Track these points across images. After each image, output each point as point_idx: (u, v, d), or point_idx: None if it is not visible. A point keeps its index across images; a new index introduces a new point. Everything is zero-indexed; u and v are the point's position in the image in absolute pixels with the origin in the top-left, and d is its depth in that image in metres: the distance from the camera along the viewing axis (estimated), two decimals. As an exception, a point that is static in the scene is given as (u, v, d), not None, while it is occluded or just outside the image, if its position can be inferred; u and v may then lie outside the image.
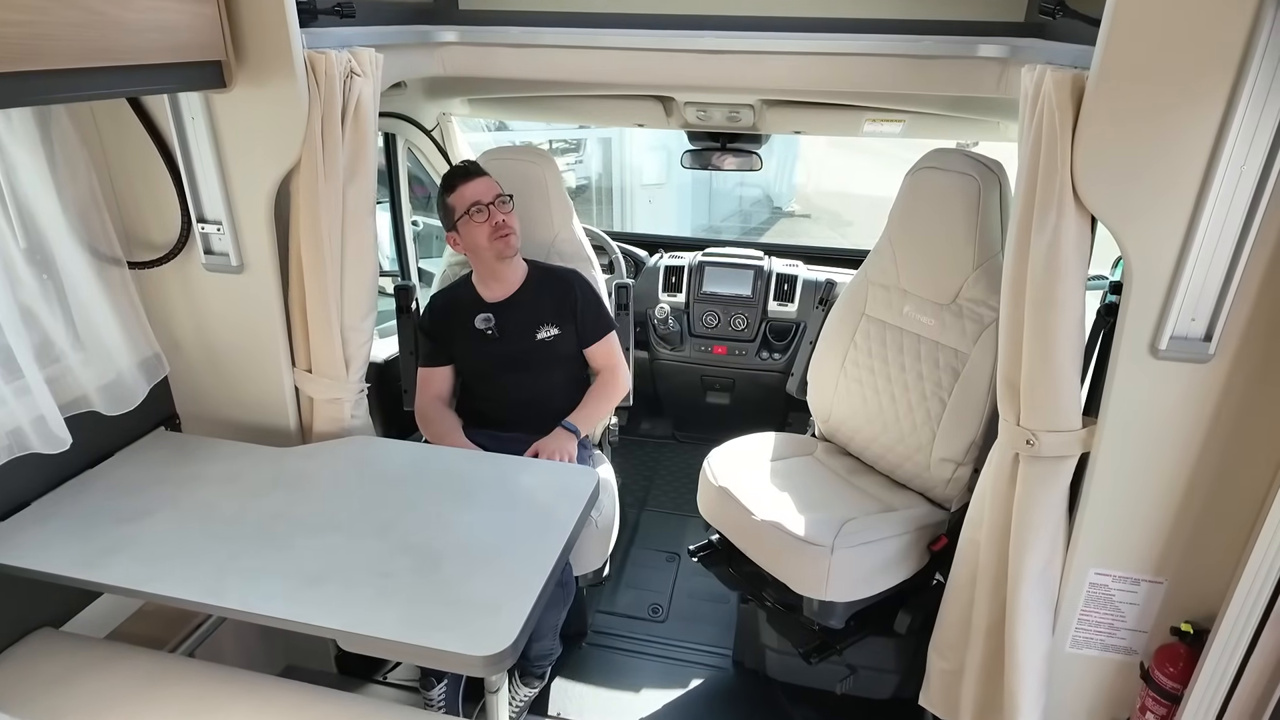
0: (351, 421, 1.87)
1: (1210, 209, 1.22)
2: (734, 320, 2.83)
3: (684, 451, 3.26)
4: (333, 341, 1.76)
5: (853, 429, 2.19)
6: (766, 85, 1.86)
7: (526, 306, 2.09)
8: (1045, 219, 1.33)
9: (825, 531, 1.81)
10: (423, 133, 2.49)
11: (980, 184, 1.81)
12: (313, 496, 1.60)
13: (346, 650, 1.28)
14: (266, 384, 1.83)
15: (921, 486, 2.06)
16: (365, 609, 1.29)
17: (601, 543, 2.02)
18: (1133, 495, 1.46)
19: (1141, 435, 1.41)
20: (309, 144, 1.57)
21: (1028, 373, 1.45)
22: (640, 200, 7.56)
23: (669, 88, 2.05)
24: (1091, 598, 1.57)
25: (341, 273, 1.73)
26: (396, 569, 1.38)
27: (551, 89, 2.16)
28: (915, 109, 2.04)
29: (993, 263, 1.86)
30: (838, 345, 2.19)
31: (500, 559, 1.41)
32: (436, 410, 2.09)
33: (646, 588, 2.55)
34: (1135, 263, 1.30)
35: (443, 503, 1.57)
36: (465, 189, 1.99)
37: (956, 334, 1.93)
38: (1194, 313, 1.31)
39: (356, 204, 1.69)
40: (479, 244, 2.00)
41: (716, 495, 2.03)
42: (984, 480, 1.66)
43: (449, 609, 1.30)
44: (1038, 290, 1.37)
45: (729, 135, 2.51)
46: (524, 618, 1.26)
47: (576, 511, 1.54)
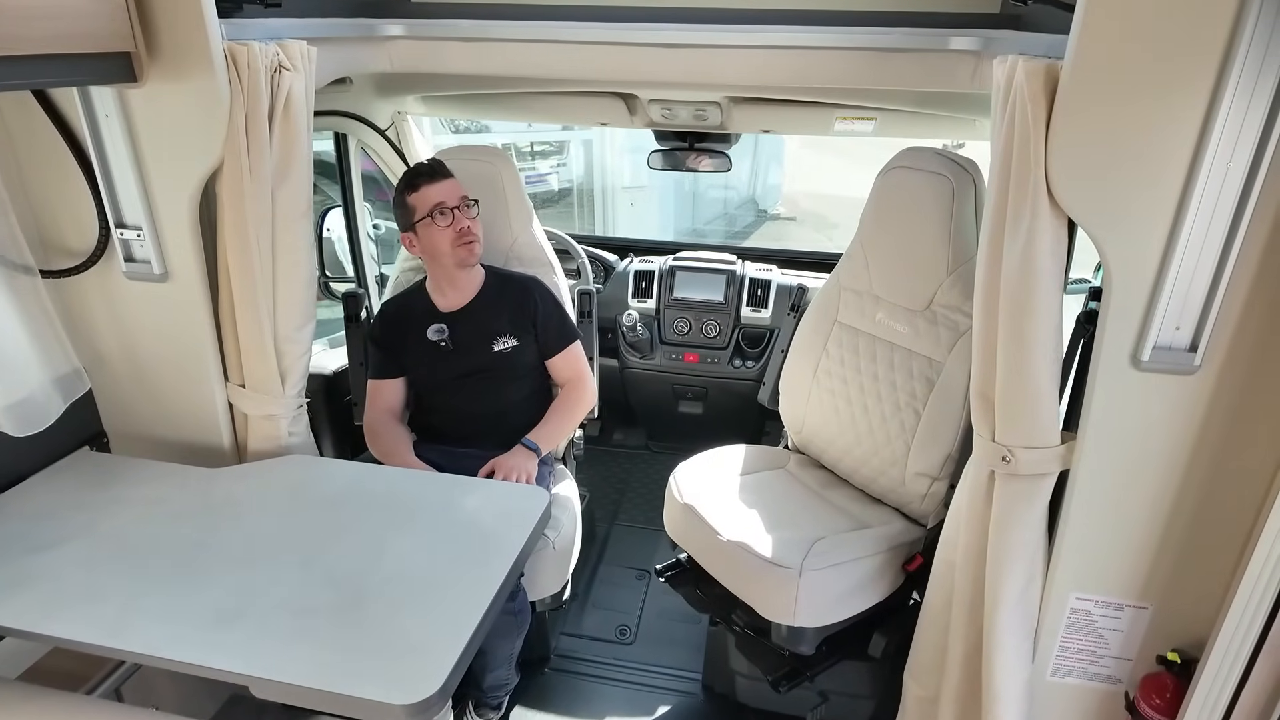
0: (290, 439, 1.76)
1: (1195, 208, 1.12)
2: (706, 327, 2.73)
3: (658, 462, 3.15)
4: (266, 354, 1.65)
5: (826, 441, 2.09)
6: (731, 81, 1.77)
7: (482, 316, 1.98)
8: (1019, 221, 1.23)
9: (793, 552, 1.71)
10: (376, 133, 2.37)
11: (954, 184, 1.72)
12: (238, 523, 1.48)
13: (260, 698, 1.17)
14: (197, 400, 1.71)
15: (897, 501, 1.96)
16: (279, 652, 1.18)
17: (560, 565, 1.91)
18: (1115, 515, 1.37)
19: (1124, 452, 1.32)
20: (232, 143, 1.46)
21: (1003, 385, 1.35)
22: (622, 203, 7.47)
23: (630, 84, 1.95)
24: (1073, 624, 1.47)
25: (274, 280, 1.62)
26: (317, 605, 1.27)
27: (507, 85, 2.06)
28: (887, 106, 1.95)
29: (968, 267, 1.76)
30: (809, 354, 2.09)
31: (433, 592, 1.29)
32: (385, 425, 1.98)
33: (615, 608, 2.44)
34: (1115, 267, 1.21)
35: (377, 528, 1.45)
36: (430, 190, 1.87)
37: (931, 342, 1.84)
38: (1178, 321, 1.21)
39: (288, 207, 1.58)
40: (439, 249, 1.89)
41: (682, 513, 1.92)
42: (959, 498, 1.56)
43: (371, 651, 1.18)
44: (1012, 297, 1.28)
45: (697, 135, 2.42)
46: (455, 659, 1.15)
47: (523, 536, 1.43)
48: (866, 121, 2.08)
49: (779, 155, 8.10)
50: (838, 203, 8.35)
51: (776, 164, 8.12)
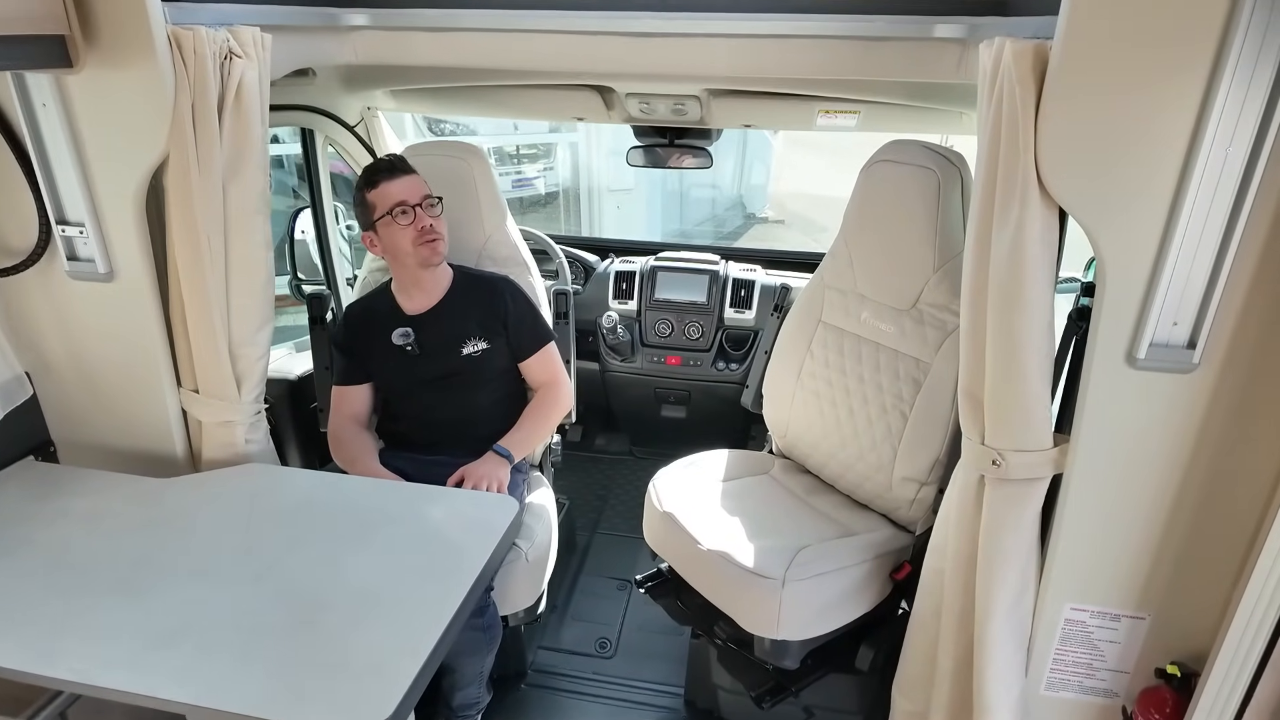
0: (247, 447, 1.67)
1: (1193, 195, 1.06)
2: (688, 328, 2.65)
3: (641, 468, 3.07)
4: (220, 358, 1.56)
5: (810, 445, 2.02)
6: (710, 72, 1.70)
7: (451, 319, 1.90)
8: (1007, 212, 1.17)
9: (776, 562, 1.64)
10: (345, 129, 2.29)
11: (940, 177, 1.66)
12: (187, 536, 1.39)
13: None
14: (148, 406, 1.62)
15: (884, 507, 1.89)
16: (223, 675, 1.09)
17: (534, 577, 1.83)
18: (1111, 521, 1.30)
19: (1120, 454, 1.25)
20: (178, 134, 1.38)
21: (992, 386, 1.29)
22: (609, 206, 7.40)
23: (605, 76, 1.88)
24: (1067, 635, 1.40)
25: (227, 281, 1.54)
26: (267, 623, 1.18)
27: (478, 79, 1.98)
28: (870, 98, 1.89)
29: (955, 264, 1.70)
30: (794, 354, 2.03)
31: (391, 609, 1.21)
32: (350, 432, 1.89)
33: (595, 620, 2.36)
34: (1109, 260, 1.14)
35: (334, 541, 1.37)
36: (389, 186, 1.79)
37: (917, 342, 1.77)
38: (1176, 316, 1.15)
39: (241, 203, 1.50)
40: (400, 249, 1.81)
41: (661, 522, 1.85)
42: (947, 504, 1.50)
43: (322, 673, 1.10)
44: (1001, 292, 1.21)
45: (677, 131, 2.35)
46: (410, 681, 1.07)
47: (488, 548, 1.35)
48: (850, 115, 2.01)
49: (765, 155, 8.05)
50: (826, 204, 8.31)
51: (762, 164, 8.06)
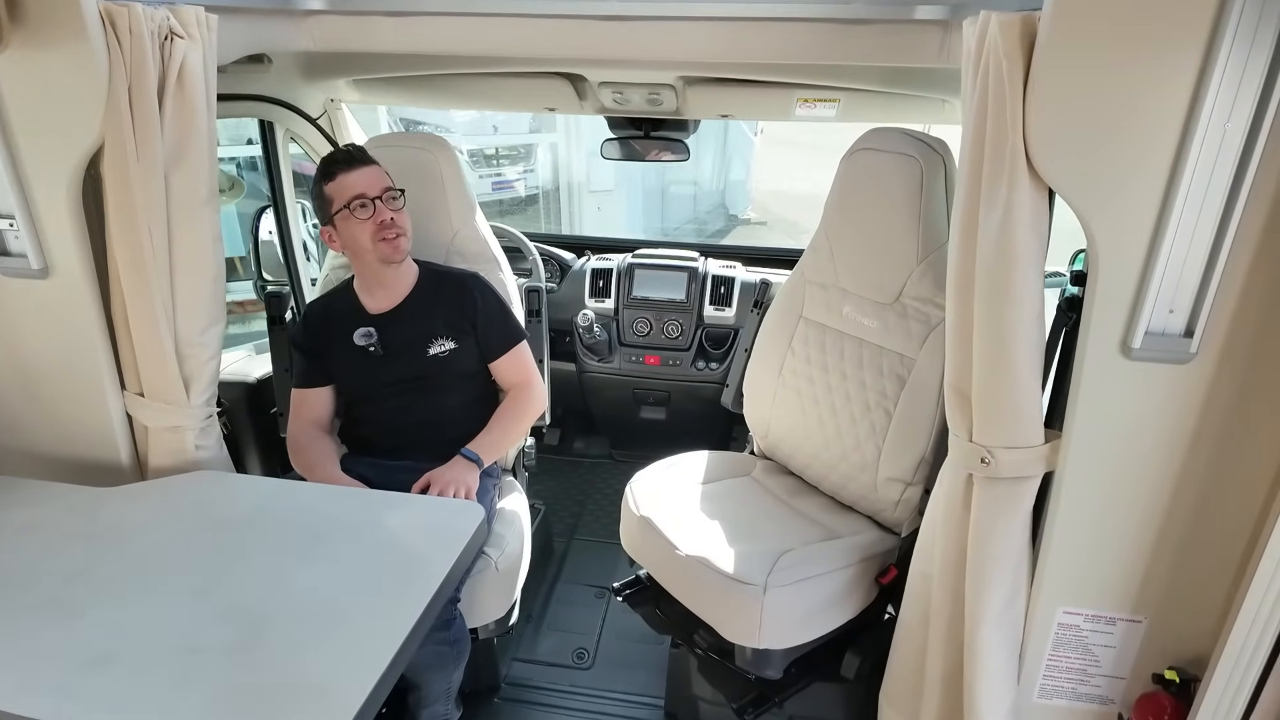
0: (198, 453, 1.58)
1: (1190, 175, 1.00)
2: (667, 327, 2.58)
3: (621, 472, 2.99)
4: (165, 359, 1.47)
5: (793, 445, 1.96)
6: (684, 57, 1.63)
7: (416, 318, 1.82)
8: (995, 194, 1.11)
9: (757, 568, 1.57)
10: (307, 121, 2.20)
11: (923, 166, 1.60)
12: (125, 549, 1.30)
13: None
14: (90, 411, 1.53)
15: (869, 509, 1.82)
16: (156, 702, 1.00)
17: (504, 587, 1.75)
18: (1105, 520, 1.24)
19: (1114, 449, 1.19)
20: (113, 119, 1.29)
21: (980, 380, 1.22)
22: (589, 208, 7.33)
23: (576, 63, 1.81)
24: (1061, 640, 1.34)
25: (172, 277, 1.44)
26: (207, 643, 1.09)
27: (443, 66, 1.90)
28: (851, 85, 1.83)
29: (939, 255, 1.64)
30: (774, 352, 1.96)
31: (344, 624, 1.13)
32: (310, 438, 1.80)
33: (572, 629, 2.28)
34: (1101, 244, 1.08)
35: (285, 553, 1.28)
36: (347, 178, 1.70)
37: (901, 337, 1.71)
38: (1172, 303, 1.09)
39: (186, 193, 1.41)
40: (360, 244, 1.72)
41: (639, 527, 1.77)
42: (934, 505, 1.43)
43: (265, 697, 1.01)
44: (989, 280, 1.15)
45: (653, 123, 2.28)
46: (361, 702, 0.99)
47: (451, 557, 1.27)
48: (829, 105, 1.95)
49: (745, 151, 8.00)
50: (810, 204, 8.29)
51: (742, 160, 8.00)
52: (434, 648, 1.57)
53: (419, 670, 1.62)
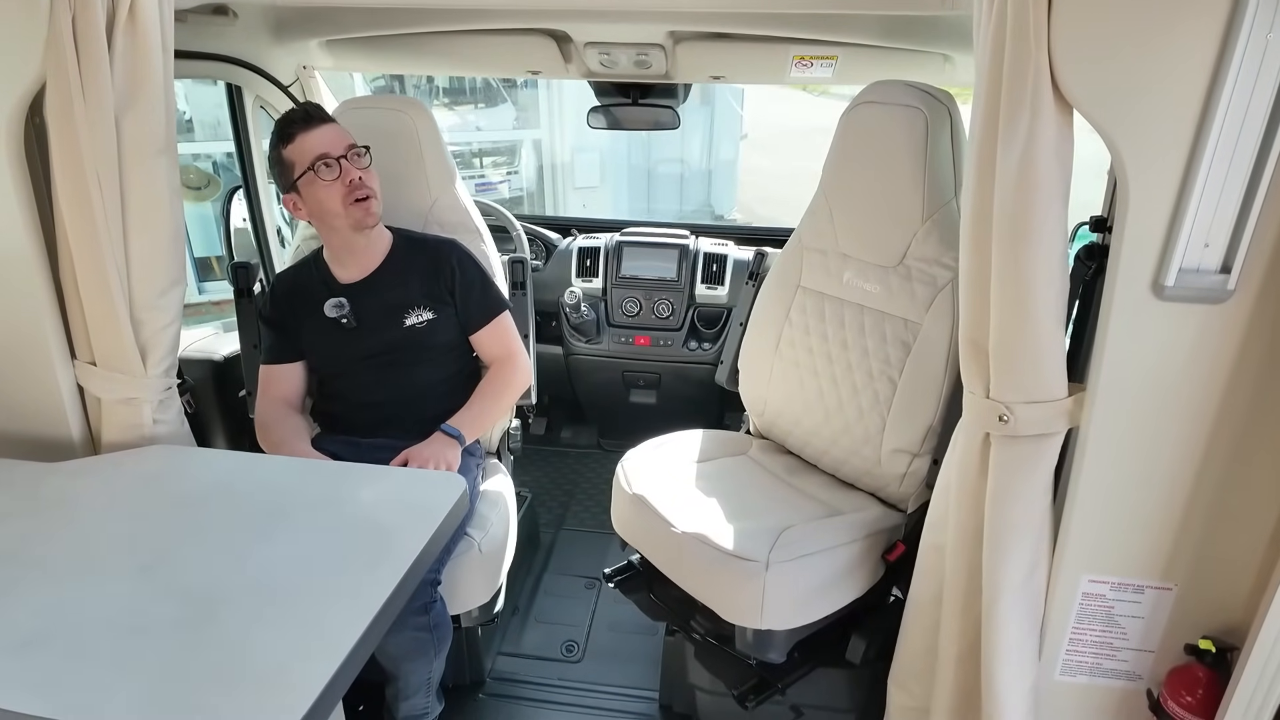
0: (155, 428, 1.46)
1: (1229, 92, 0.92)
2: (657, 306, 2.49)
3: (609, 461, 2.87)
4: (118, 325, 1.36)
5: (791, 421, 1.86)
6: (678, 5, 1.54)
7: (391, 287, 1.71)
8: (1015, 123, 1.02)
9: (759, 544, 1.47)
10: (278, 88, 2.09)
11: (928, 117, 1.51)
12: (66, 526, 1.18)
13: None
14: (36, 382, 1.41)
15: (872, 485, 1.73)
16: (94, 685, 0.89)
17: (489, 572, 1.64)
18: (1132, 479, 1.16)
19: (1143, 401, 1.11)
20: (55, 55, 1.18)
21: (998, 329, 1.13)
22: (574, 205, 7.23)
23: (560, 15, 1.71)
24: (1085, 611, 1.25)
25: (125, 233, 1.33)
26: (152, 622, 0.98)
27: (420, 22, 1.80)
28: (847, 39, 1.74)
29: (945, 212, 1.56)
30: (771, 324, 1.87)
31: (305, 603, 1.02)
32: (279, 415, 1.69)
33: (561, 621, 2.17)
34: (1133, 171, 1.00)
35: (241, 528, 1.17)
36: (307, 138, 1.58)
37: (905, 301, 1.62)
38: (1207, 236, 1.01)
39: (139, 139, 1.30)
40: (328, 210, 1.61)
41: (631, 505, 1.67)
42: (947, 471, 1.34)
43: (217, 677, 0.90)
44: (1008, 218, 1.06)
45: (641, 90, 2.19)
46: (324, 684, 0.88)
47: (427, 531, 1.16)
48: (826, 63, 1.87)
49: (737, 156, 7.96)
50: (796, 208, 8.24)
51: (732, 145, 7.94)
52: (412, 634, 1.46)
53: (397, 659, 1.51)
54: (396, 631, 1.42)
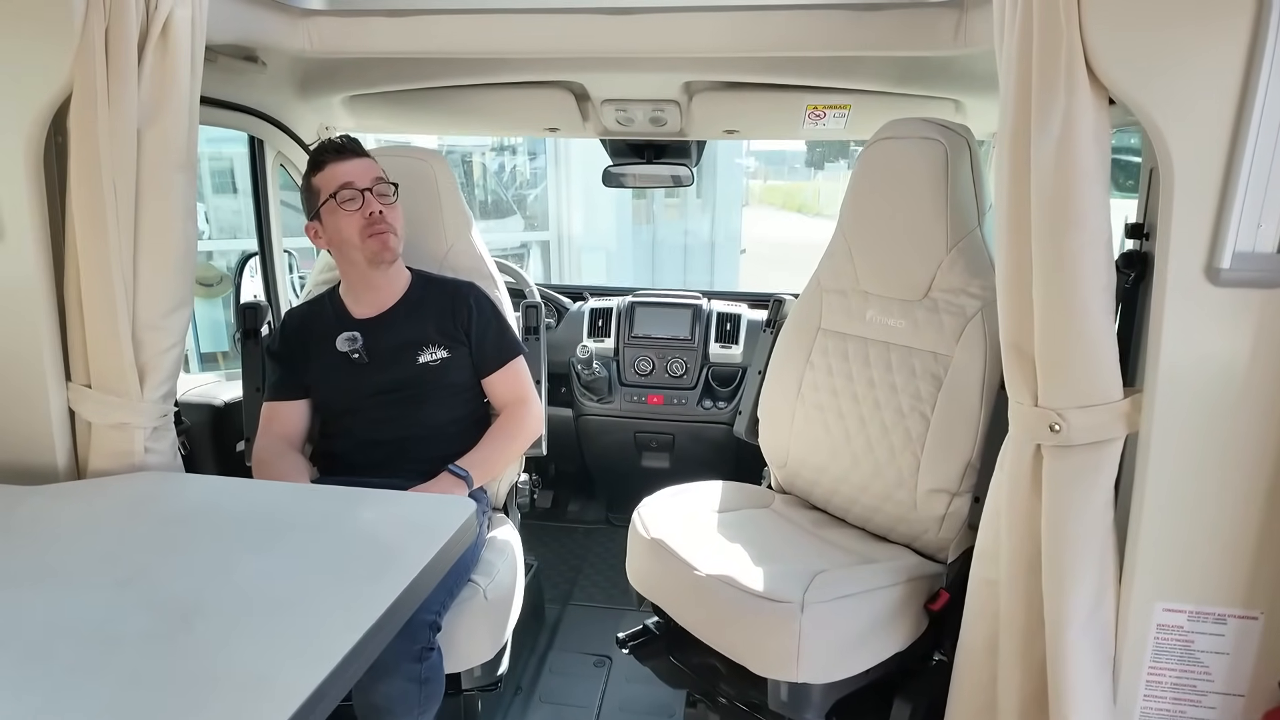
0: (146, 457, 1.37)
1: (1269, 64, 0.91)
2: (671, 365, 2.43)
3: (619, 537, 2.73)
4: (118, 342, 1.30)
5: (816, 470, 1.77)
6: (692, 50, 1.59)
7: (405, 324, 1.67)
8: (1050, 106, 1.00)
9: (792, 586, 1.35)
10: (300, 146, 2.14)
11: (947, 147, 1.52)
12: (42, 540, 1.08)
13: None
14: (24, 403, 1.34)
15: (907, 534, 1.62)
16: (55, 690, 0.78)
17: (494, 624, 1.51)
18: (1202, 490, 1.06)
19: (1207, 399, 1.03)
20: (84, 62, 1.19)
21: (1044, 327, 1.08)
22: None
23: (579, 64, 1.76)
24: (1162, 647, 1.12)
25: (136, 245, 1.30)
26: (126, 631, 0.87)
27: (441, 75, 1.86)
28: (861, 87, 1.79)
29: (970, 240, 1.54)
30: (791, 369, 1.81)
31: (293, 615, 0.91)
32: (278, 452, 1.60)
33: (567, 702, 1.98)
34: (1177, 153, 0.97)
35: (232, 545, 1.07)
36: (337, 168, 1.59)
37: (933, 334, 1.57)
38: (1260, 216, 0.97)
39: (160, 152, 1.29)
40: (346, 239, 1.59)
41: (649, 551, 1.55)
42: (996, 493, 1.25)
43: (189, 685, 0.79)
44: (1048, 206, 1.03)
45: (655, 150, 2.23)
46: (308, 693, 0.76)
47: (432, 550, 1.06)
48: (839, 113, 1.91)
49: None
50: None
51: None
52: (401, 683, 1.31)
53: (378, 712, 1.35)
54: (384, 677, 1.28)
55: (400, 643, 1.28)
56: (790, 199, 13.40)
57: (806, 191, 12.89)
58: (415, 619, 1.31)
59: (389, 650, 1.28)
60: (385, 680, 1.28)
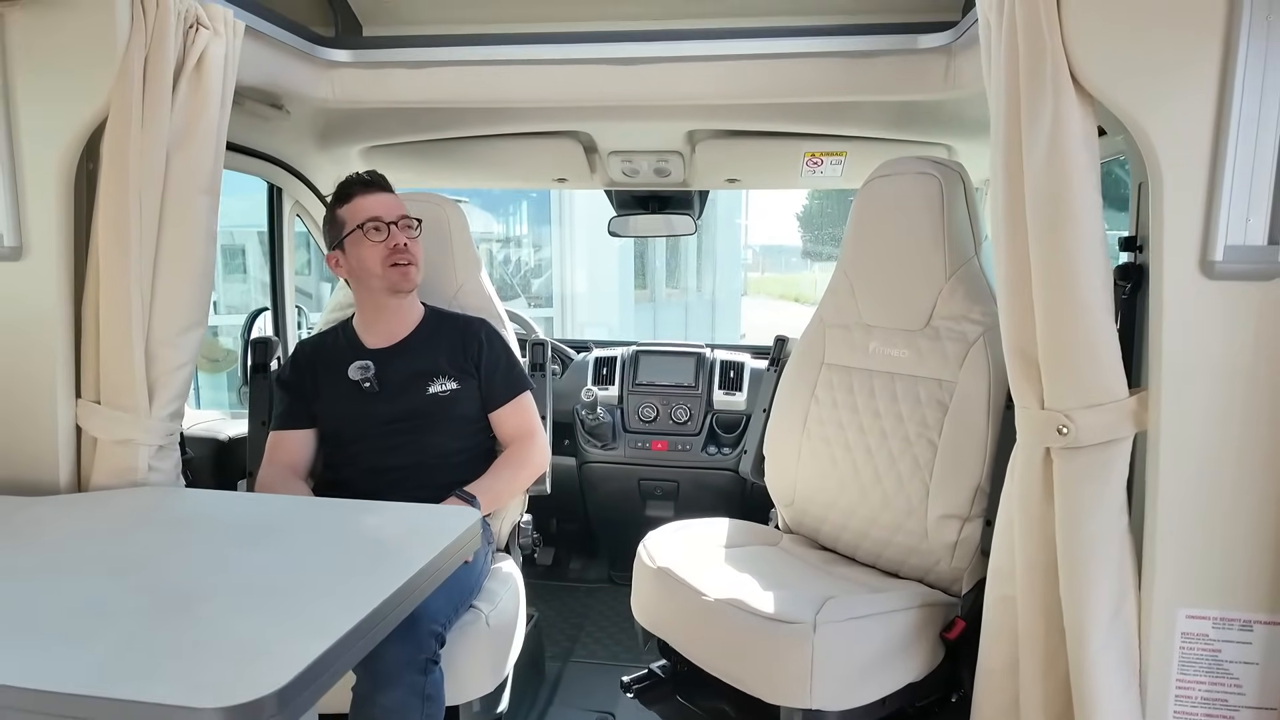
0: (150, 475, 1.36)
1: (1243, 56, 0.96)
2: (675, 411, 2.43)
3: (621, 595, 2.64)
4: (131, 355, 1.31)
5: (824, 505, 1.74)
6: (697, 98, 1.67)
7: (417, 354, 1.69)
8: (1039, 110, 1.05)
9: (802, 608, 1.32)
10: (317, 198, 2.21)
11: (942, 181, 1.58)
12: (37, 542, 1.07)
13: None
14: (33, 418, 1.34)
15: (920, 567, 1.58)
16: (41, 656, 0.76)
17: (495, 653, 1.46)
18: (1215, 488, 1.06)
19: (1212, 393, 1.04)
20: (123, 87, 1.25)
21: (1046, 326, 1.09)
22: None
23: (588, 112, 1.85)
24: (1188, 657, 1.09)
25: (156, 263, 1.34)
26: (119, 609, 0.85)
27: (455, 125, 1.95)
28: (856, 132, 1.87)
29: (968, 268, 1.57)
30: (796, 404, 1.81)
31: (290, 600, 0.89)
32: (281, 479, 1.59)
33: (569, 756, 1.88)
34: (1162, 152, 1.02)
35: (232, 543, 1.06)
36: (364, 201, 1.66)
37: (937, 361, 1.59)
38: (1247, 210, 1.01)
39: (186, 175, 1.34)
40: (369, 268, 1.64)
41: (655, 581, 1.52)
42: (1007, 505, 1.23)
43: (184, 653, 0.77)
44: (1044, 202, 1.06)
45: (659, 202, 2.31)
46: (308, 662, 0.74)
47: (437, 548, 1.04)
48: (836, 160, 1.99)
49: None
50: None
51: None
52: (404, 695, 1.25)
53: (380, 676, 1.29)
54: (386, 686, 1.23)
55: (404, 649, 1.25)
56: (787, 289, 13.73)
57: (803, 283, 13.23)
58: (420, 626, 1.28)
59: (392, 657, 1.24)
60: (387, 690, 1.23)
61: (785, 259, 14.44)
